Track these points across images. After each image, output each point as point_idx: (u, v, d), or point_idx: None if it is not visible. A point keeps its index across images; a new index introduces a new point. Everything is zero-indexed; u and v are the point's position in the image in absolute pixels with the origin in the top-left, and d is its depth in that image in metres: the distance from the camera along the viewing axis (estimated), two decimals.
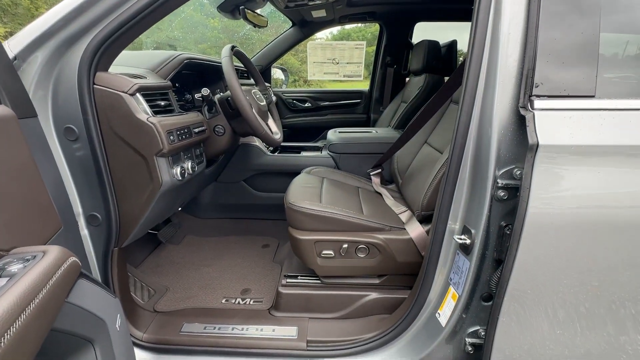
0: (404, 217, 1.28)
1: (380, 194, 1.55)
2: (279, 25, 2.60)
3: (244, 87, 1.30)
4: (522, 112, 0.75)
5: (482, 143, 0.82)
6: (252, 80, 1.77)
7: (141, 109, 0.93)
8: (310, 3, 1.84)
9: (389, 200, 1.46)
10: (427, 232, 1.16)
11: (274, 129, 1.45)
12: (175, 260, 1.63)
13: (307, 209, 1.17)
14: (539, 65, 0.74)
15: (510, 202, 0.80)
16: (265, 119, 1.37)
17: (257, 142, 1.83)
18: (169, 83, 1.09)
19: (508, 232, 0.81)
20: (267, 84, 2.74)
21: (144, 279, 1.41)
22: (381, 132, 1.93)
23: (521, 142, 0.77)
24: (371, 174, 1.69)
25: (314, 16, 2.26)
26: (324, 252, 1.17)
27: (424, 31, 2.66)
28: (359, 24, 2.43)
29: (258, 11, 1.82)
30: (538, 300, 0.81)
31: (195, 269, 1.56)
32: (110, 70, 0.97)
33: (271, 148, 1.98)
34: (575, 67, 0.74)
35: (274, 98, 2.69)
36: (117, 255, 1.07)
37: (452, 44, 2.18)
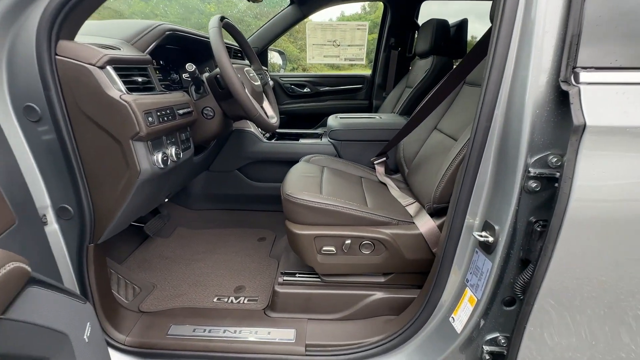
0: (411, 209, 1.17)
1: (384, 184, 1.43)
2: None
3: (235, 66, 1.16)
4: (564, 87, 0.63)
5: (510, 126, 0.71)
6: (246, 61, 1.62)
7: (113, 85, 0.80)
8: None
9: (394, 191, 1.34)
10: (439, 226, 1.05)
11: (270, 112, 1.32)
12: (164, 254, 1.52)
13: (306, 201, 1.05)
14: (586, 29, 0.61)
15: (543, 194, 0.69)
16: (260, 101, 1.24)
17: (252, 127, 1.69)
18: (149, 57, 0.95)
19: (539, 229, 0.70)
20: (263, 67, 2.59)
21: (129, 275, 1.30)
22: (385, 118, 1.79)
23: (560, 124, 0.65)
24: (375, 162, 1.57)
25: None
26: (325, 248, 1.06)
27: (428, 12, 2.50)
28: (362, 1, 2.26)
29: None
30: (576, 308, 0.70)
31: (185, 264, 1.45)
32: (77, 40, 0.83)
33: (267, 134, 1.85)
34: (632, 33, 0.61)
35: (270, 82, 2.55)
36: (93, 252, 0.95)
37: (463, 23, 2.03)
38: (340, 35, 2.57)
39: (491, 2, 1.08)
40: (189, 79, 1.12)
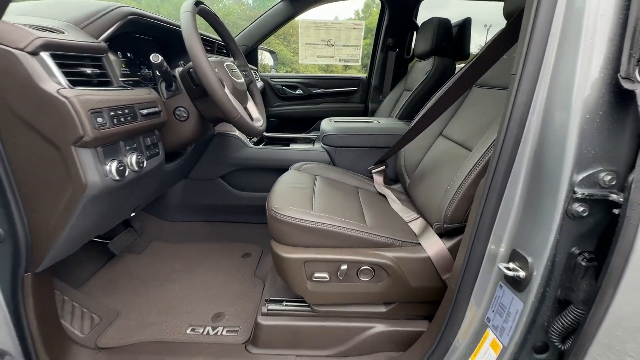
0: (416, 226, 1.02)
1: (384, 196, 1.28)
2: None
3: (214, 60, 1.00)
4: (626, 85, 0.48)
5: (550, 134, 0.56)
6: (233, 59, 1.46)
7: (50, 77, 0.63)
8: None
9: (395, 204, 1.19)
10: (450, 249, 0.90)
11: (255, 114, 1.16)
12: (134, 273, 1.34)
13: (295, 219, 0.89)
14: None
15: (590, 219, 0.55)
16: (243, 101, 1.08)
17: (237, 131, 1.53)
18: (103, 45, 0.79)
19: (584, 263, 0.56)
20: (252, 67, 2.43)
21: (88, 302, 1.11)
22: (384, 123, 1.65)
23: (617, 132, 0.51)
24: (373, 171, 1.42)
25: None
26: (317, 274, 0.90)
27: (427, 13, 2.38)
28: None
29: None
30: None
31: (157, 286, 1.27)
32: (5, 19, 0.66)
33: (255, 139, 1.69)
34: None
35: (259, 82, 2.39)
36: (32, 282, 0.77)
37: (466, 23, 1.91)
38: (335, 34, 2.43)
39: (493, 2, 0.95)
40: (160, 74, 0.95)
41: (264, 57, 2.97)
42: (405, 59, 2.44)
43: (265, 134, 1.80)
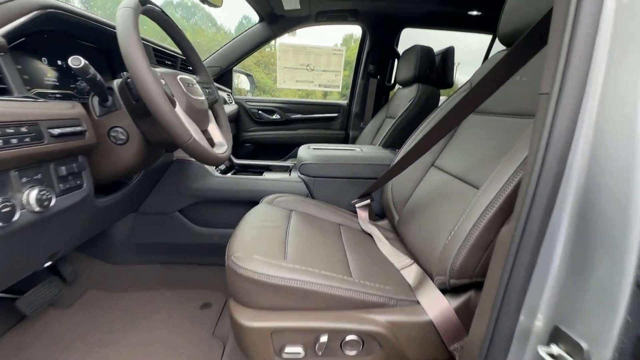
0: (410, 275, 0.83)
1: (370, 235, 1.10)
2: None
3: (162, 71, 0.82)
4: None
5: (603, 171, 0.41)
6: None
7: None
8: None
9: (384, 246, 1.01)
10: (457, 310, 0.72)
11: (218, 138, 0.96)
12: (56, 337, 1.04)
13: (261, 275, 0.68)
14: None
15: None
16: (202, 123, 0.89)
17: None
18: (2, 41, 0.59)
19: None
20: (225, 89, 2.28)
21: None
22: (368, 151, 1.50)
23: None
24: (356, 205, 1.24)
25: (285, 8, 1.86)
26: (288, 349, 0.68)
27: (408, 42, 2.36)
28: (340, 24, 2.07)
29: None
30: None
31: (84, 353, 0.99)
32: None
33: (222, 166, 1.48)
34: None
35: (232, 105, 2.23)
36: None
37: (449, 52, 1.86)
38: (315, 59, 2.34)
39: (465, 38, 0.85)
40: (99, 87, 0.75)
41: (240, 81, 2.84)
42: (386, 87, 2.38)
43: (236, 160, 1.60)
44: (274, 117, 2.40)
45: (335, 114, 2.47)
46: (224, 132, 1.02)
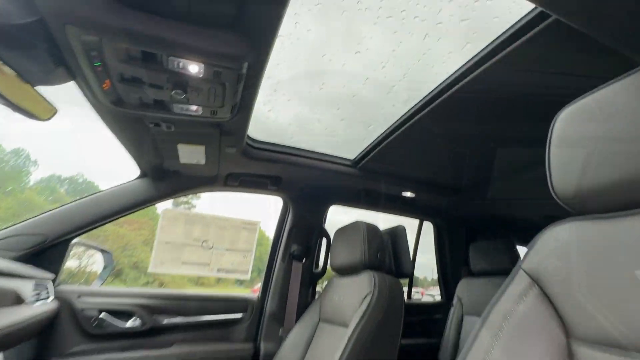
0: None
1: None
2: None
3: None
4: None
5: None
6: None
7: None
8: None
9: None
10: None
11: None
12: None
13: None
14: None
15: None
16: None
17: None
18: None
19: None
20: (46, 276, 1.26)
21: None
22: None
23: None
24: None
25: (182, 162, 1.30)
26: None
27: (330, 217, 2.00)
28: (256, 193, 1.59)
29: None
30: None
31: None
32: None
33: None
34: None
35: (50, 298, 1.17)
36: None
37: (399, 232, 1.48)
38: (216, 233, 1.67)
39: None
40: None
41: (94, 260, 1.83)
42: (314, 274, 1.76)
43: None
44: (130, 324, 1.37)
45: (239, 315, 1.59)
46: None
